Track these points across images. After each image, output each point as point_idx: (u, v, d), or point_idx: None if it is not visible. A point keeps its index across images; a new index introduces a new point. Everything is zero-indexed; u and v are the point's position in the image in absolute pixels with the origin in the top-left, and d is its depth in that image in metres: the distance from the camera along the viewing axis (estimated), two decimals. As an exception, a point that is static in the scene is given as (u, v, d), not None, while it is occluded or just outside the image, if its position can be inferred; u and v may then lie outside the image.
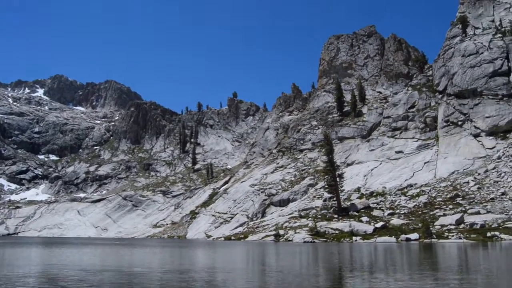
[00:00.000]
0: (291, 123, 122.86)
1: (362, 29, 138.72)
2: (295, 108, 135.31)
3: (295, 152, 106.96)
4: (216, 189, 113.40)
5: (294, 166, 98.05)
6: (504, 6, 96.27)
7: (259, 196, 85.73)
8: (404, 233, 43.12)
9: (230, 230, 76.77)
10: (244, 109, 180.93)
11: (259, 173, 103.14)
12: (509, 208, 43.82)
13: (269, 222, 68.17)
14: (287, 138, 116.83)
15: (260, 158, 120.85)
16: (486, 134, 67.65)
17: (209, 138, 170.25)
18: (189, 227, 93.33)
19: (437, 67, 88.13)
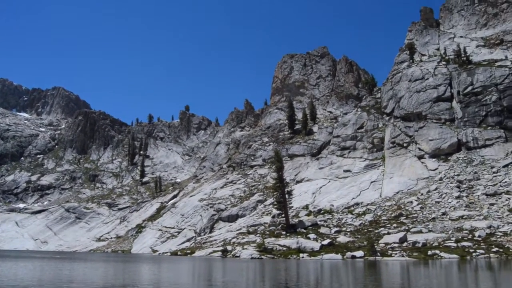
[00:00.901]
0: (242, 139, 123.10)
1: (315, 50, 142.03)
2: (247, 124, 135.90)
3: (245, 168, 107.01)
4: (164, 203, 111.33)
5: (244, 181, 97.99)
6: (448, 35, 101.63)
7: (207, 211, 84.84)
8: (350, 250, 43.75)
9: (177, 245, 75.34)
10: (196, 123, 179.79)
11: (208, 188, 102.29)
12: (449, 228, 45.51)
13: (217, 238, 67.46)
14: (238, 154, 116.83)
15: (210, 172, 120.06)
16: (430, 156, 70.42)
17: (159, 151, 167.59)
18: (134, 241, 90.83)
19: (385, 90, 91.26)
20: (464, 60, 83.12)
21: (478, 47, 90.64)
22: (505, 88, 71.08)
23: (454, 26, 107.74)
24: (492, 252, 37.10)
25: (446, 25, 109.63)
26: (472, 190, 55.82)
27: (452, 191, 56.50)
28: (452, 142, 70.07)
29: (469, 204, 51.72)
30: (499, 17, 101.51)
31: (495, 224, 43.83)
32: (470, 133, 69.12)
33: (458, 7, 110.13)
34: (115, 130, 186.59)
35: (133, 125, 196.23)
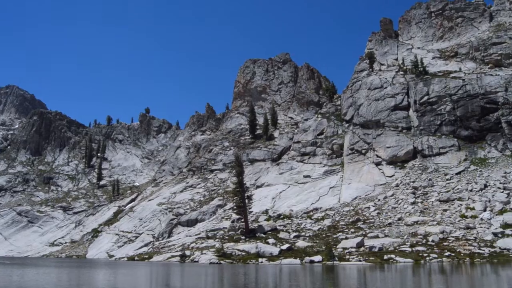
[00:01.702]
0: (203, 143, 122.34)
1: (278, 56, 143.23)
2: (208, 128, 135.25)
3: (205, 172, 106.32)
4: (121, 207, 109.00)
5: (204, 186, 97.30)
6: (406, 46, 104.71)
7: (166, 216, 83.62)
8: (309, 255, 44.06)
9: (134, 250, 73.80)
10: (156, 126, 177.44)
11: (167, 192, 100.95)
12: (404, 233, 46.63)
13: (176, 243, 66.57)
14: (198, 158, 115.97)
15: (170, 176, 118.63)
16: (387, 163, 72.14)
17: (117, 154, 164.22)
18: (90, 246, 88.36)
19: (345, 98, 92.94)
20: (421, 70, 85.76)
21: (434, 58, 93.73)
22: (459, 98, 73.76)
23: (412, 37, 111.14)
24: (445, 256, 38.21)
25: (405, 36, 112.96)
26: (426, 196, 57.49)
27: (407, 197, 57.99)
28: (408, 149, 72.04)
29: (424, 210, 53.20)
30: (454, 31, 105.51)
31: (448, 229, 45.24)
32: (425, 141, 71.29)
33: (416, 19, 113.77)
34: (72, 131, 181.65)
35: (91, 126, 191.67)
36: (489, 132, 68.41)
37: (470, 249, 39.49)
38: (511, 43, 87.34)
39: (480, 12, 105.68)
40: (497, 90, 71.64)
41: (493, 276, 27.53)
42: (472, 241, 41.59)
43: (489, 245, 40.05)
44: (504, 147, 65.21)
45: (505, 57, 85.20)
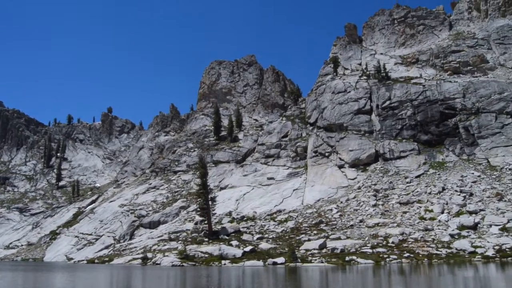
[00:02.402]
0: (167, 144, 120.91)
1: (244, 58, 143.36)
2: (172, 129, 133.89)
3: (169, 173, 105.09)
4: (81, 208, 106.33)
5: (167, 187, 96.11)
6: (370, 52, 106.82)
7: (128, 217, 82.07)
8: (272, 257, 44.12)
9: (94, 252, 72.03)
10: (119, 126, 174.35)
11: (129, 193, 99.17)
12: (366, 234, 47.39)
13: (137, 245, 65.42)
14: (161, 159, 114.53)
15: (132, 177, 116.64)
16: (349, 166, 73.23)
17: (78, 154, 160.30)
18: (47, 249, 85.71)
19: (309, 101, 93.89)
20: (383, 76, 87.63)
21: (396, 64, 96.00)
22: (419, 104, 75.75)
23: (375, 43, 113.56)
24: (404, 257, 39.04)
25: (368, 42, 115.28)
26: (387, 198, 58.67)
27: (369, 200, 59.03)
28: (370, 153, 73.37)
29: (384, 212, 54.27)
30: (416, 38, 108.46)
31: (407, 231, 46.28)
32: (387, 145, 72.81)
33: (380, 25, 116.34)
34: (30, 130, 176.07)
35: (50, 125, 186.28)
36: (448, 137, 70.54)
37: (428, 250, 40.51)
38: (469, 51, 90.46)
39: (441, 20, 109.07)
40: (455, 96, 74.02)
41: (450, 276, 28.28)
42: (430, 243, 42.68)
43: (446, 246, 41.20)
44: (461, 151, 67.35)
45: (463, 64, 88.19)
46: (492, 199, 51.73)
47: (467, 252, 38.99)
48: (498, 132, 66.56)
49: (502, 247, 38.84)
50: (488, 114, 69.41)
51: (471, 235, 43.40)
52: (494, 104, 70.49)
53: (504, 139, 65.47)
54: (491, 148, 65.29)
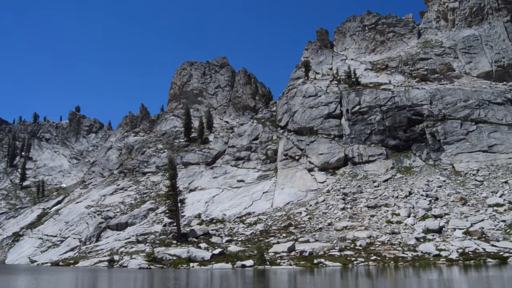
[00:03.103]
0: (136, 144, 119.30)
1: (216, 59, 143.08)
2: (142, 129, 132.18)
3: (137, 174, 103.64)
4: (46, 209, 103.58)
5: (136, 188, 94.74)
6: (341, 57, 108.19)
7: (95, 219, 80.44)
8: (240, 259, 43.95)
9: (59, 254, 70.21)
10: (87, 125, 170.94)
11: (97, 194, 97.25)
12: (334, 237, 47.82)
13: (104, 247, 64.14)
14: (130, 160, 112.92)
15: (100, 178, 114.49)
16: (319, 169, 73.87)
17: (44, 153, 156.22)
18: (10, 250, 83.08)
19: (280, 104, 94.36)
20: (353, 81, 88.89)
21: (366, 70, 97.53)
22: (388, 109, 77.14)
23: (346, 48, 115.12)
24: (371, 260, 39.53)
25: (339, 47, 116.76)
26: (355, 202, 59.41)
27: (338, 203, 59.63)
28: (339, 157, 74.20)
29: (353, 216, 54.91)
30: (386, 45, 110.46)
31: (375, 234, 46.94)
32: (356, 149, 73.80)
33: (351, 31, 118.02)
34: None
35: (15, 123, 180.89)
36: (415, 142, 72.08)
37: (395, 253, 41.15)
38: (436, 59, 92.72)
39: (410, 28, 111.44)
40: (423, 103, 75.74)
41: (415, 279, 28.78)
42: (396, 246, 43.38)
43: (412, 249, 41.94)
44: (428, 156, 68.90)
45: (431, 72, 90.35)
46: (457, 203, 53.06)
47: (432, 255, 39.76)
48: (463, 139, 68.43)
49: (465, 250, 39.80)
50: (454, 121, 71.30)
51: (436, 238, 44.35)
52: (460, 111, 72.46)
53: (468, 145, 67.37)
54: (456, 154, 67.04)
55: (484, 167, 62.94)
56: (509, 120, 69.60)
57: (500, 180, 57.89)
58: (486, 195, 54.19)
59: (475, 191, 56.09)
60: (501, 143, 66.21)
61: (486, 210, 49.96)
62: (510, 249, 38.76)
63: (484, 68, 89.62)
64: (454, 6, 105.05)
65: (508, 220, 45.84)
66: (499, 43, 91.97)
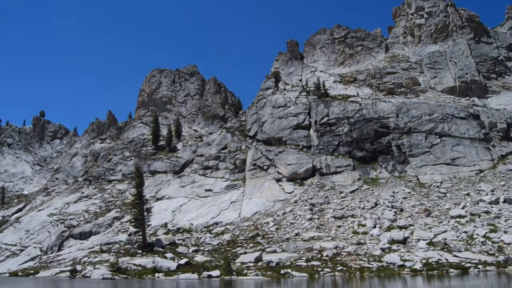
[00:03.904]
0: (102, 151, 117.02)
1: (186, 68, 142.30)
2: (109, 136, 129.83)
3: (103, 182, 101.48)
4: (6, 217, 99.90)
5: (101, 197, 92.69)
6: (310, 69, 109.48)
7: (57, 227, 78.10)
8: (207, 270, 43.42)
9: (18, 264, 67.66)
10: (51, 131, 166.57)
11: (60, 202, 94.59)
12: (301, 248, 47.89)
13: (66, 257, 62.25)
14: (96, 167, 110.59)
15: (64, 185, 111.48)
16: (287, 179, 74.11)
17: (5, 159, 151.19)
18: (-35, 260, 79.60)
19: (250, 114, 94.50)
20: (322, 92, 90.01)
21: (335, 82, 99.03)
22: (355, 121, 78.35)
23: (316, 60, 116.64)
24: (337, 271, 39.71)
25: (309, 59, 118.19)
26: (323, 213, 59.79)
27: (305, 213, 59.87)
28: (307, 167, 74.69)
29: (320, 226, 55.20)
30: (354, 58, 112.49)
31: (341, 244, 47.26)
32: (323, 160, 74.49)
33: (321, 44, 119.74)
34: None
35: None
36: (381, 154, 73.38)
37: (361, 263, 41.48)
38: (403, 73, 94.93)
39: (378, 43, 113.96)
40: (389, 116, 77.29)
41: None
42: (362, 256, 43.76)
43: (377, 260, 42.37)
44: (394, 168, 70.19)
45: (397, 86, 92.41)
46: (421, 214, 54.10)
47: (396, 266, 40.26)
48: (427, 151, 70.09)
49: (428, 260, 40.48)
50: (419, 134, 73.01)
51: (401, 249, 44.98)
52: (424, 124, 74.25)
53: (432, 158, 69.03)
54: (421, 166, 68.56)
55: (447, 180, 64.58)
56: (471, 134, 71.77)
57: (462, 192, 59.48)
58: (449, 206, 55.52)
59: (439, 203, 57.38)
60: (463, 156, 68.16)
61: (448, 221, 51.12)
62: (472, 259, 39.63)
63: (448, 83, 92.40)
64: (421, 22, 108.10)
65: (469, 231, 47.00)
66: (463, 60, 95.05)
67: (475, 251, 42.42)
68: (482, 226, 47.89)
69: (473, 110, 77.73)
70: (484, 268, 37.49)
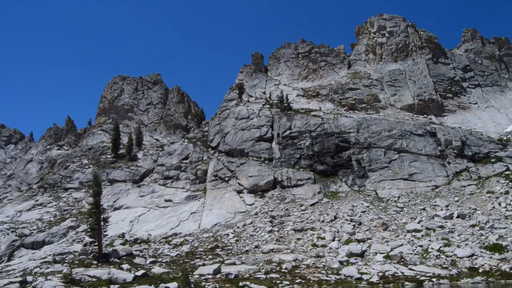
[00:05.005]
0: (59, 158, 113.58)
1: (149, 76, 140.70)
2: (67, 142, 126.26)
3: (59, 190, 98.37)
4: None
5: (56, 205, 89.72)
6: (274, 82, 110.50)
7: (8, 236, 74.84)
8: (164, 282, 42.54)
9: (-37, 274, 64.43)
10: (6, 136, 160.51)
11: (12, 210, 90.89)
12: (260, 260, 47.72)
13: (16, 267, 59.56)
14: (52, 174, 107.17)
15: (17, 192, 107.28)
16: (248, 191, 73.98)
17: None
18: None
19: (213, 125, 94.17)
20: (285, 106, 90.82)
21: (298, 96, 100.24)
22: (317, 135, 79.36)
23: (280, 74, 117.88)
24: (296, 283, 39.72)
25: (273, 72, 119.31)
26: (283, 225, 59.92)
27: (265, 226, 59.82)
28: (269, 179, 74.86)
29: (279, 238, 55.25)
30: (318, 73, 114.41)
31: (300, 257, 47.41)
32: (285, 172, 74.90)
33: (285, 58, 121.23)
34: None
35: None
36: (341, 168, 74.48)
37: (319, 276, 41.69)
38: (364, 90, 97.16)
39: (341, 59, 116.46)
40: (350, 131, 78.73)
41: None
42: (321, 269, 44.02)
43: (335, 273, 42.72)
44: (353, 182, 71.34)
45: (359, 102, 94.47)
46: (379, 228, 55.07)
47: (354, 278, 40.68)
48: (386, 167, 71.70)
49: (385, 273, 41.14)
50: (378, 149, 74.62)
51: (359, 262, 45.54)
52: (384, 140, 75.98)
53: (391, 173, 70.63)
54: (380, 181, 69.99)
55: (405, 194, 66.15)
56: (428, 150, 73.92)
57: (419, 207, 61.05)
58: (406, 221, 56.80)
59: (396, 217, 58.63)
60: (420, 172, 70.07)
61: (405, 235, 52.27)
62: (426, 272, 40.55)
63: (407, 101, 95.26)
64: (382, 41, 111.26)
65: (424, 245, 48.17)
66: (421, 79, 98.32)
67: (429, 264, 43.47)
68: (437, 240, 49.20)
69: (430, 127, 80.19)
70: (438, 281, 38.41)
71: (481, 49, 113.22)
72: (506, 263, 41.53)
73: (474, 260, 43.11)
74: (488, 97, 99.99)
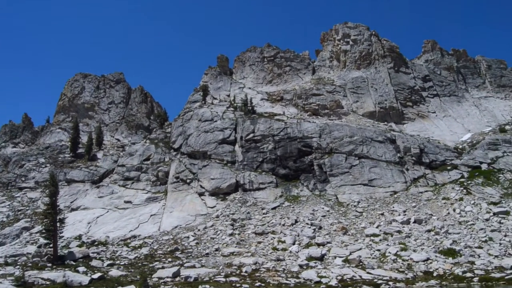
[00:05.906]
0: (14, 156, 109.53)
1: (111, 74, 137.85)
2: (23, 140, 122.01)
3: (13, 189, 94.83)
4: None
5: (10, 205, 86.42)
6: (239, 85, 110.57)
7: (-44, 236, 71.66)
8: (122, 285, 41.65)
9: None
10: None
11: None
12: (220, 263, 47.45)
13: (-36, 269, 57.10)
14: (6, 173, 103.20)
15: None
16: (210, 194, 73.51)
17: None
18: None
19: (175, 126, 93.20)
20: (249, 109, 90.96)
21: (262, 100, 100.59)
22: (280, 139, 79.79)
23: (245, 77, 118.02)
24: (256, 287, 39.69)
25: (238, 75, 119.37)
26: (244, 228, 59.84)
27: (226, 229, 59.58)
28: (231, 182, 74.63)
29: (240, 242, 55.13)
30: (282, 77, 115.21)
31: (260, 260, 47.43)
32: (247, 176, 74.88)
33: (250, 61, 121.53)
34: None
35: None
36: (303, 172, 75.19)
37: (279, 279, 41.80)
38: (327, 96, 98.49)
39: (305, 65, 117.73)
40: (313, 136, 79.58)
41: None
42: (281, 272, 44.16)
43: (295, 276, 42.95)
44: (314, 187, 72.09)
45: (322, 107, 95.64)
46: (338, 232, 55.83)
47: (313, 282, 41.02)
48: (347, 172, 72.82)
49: (344, 277, 41.70)
50: (340, 155, 75.72)
51: (318, 265, 45.99)
52: (345, 146, 77.19)
53: (351, 178, 71.79)
54: (340, 186, 71.01)
55: (364, 199, 67.38)
56: (387, 157, 75.58)
57: (378, 212, 62.30)
58: (365, 225, 57.85)
59: (355, 222, 59.62)
60: (379, 177, 71.55)
61: (364, 239, 53.21)
62: (383, 276, 41.39)
63: (369, 108, 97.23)
64: (346, 49, 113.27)
65: (382, 249, 49.17)
66: (383, 87, 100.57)
67: (387, 268, 44.39)
68: (394, 244, 50.33)
69: (390, 134, 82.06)
70: (394, 284, 39.23)
71: (440, 60, 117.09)
72: (459, 267, 42.94)
73: (429, 264, 44.38)
74: (445, 107, 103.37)
